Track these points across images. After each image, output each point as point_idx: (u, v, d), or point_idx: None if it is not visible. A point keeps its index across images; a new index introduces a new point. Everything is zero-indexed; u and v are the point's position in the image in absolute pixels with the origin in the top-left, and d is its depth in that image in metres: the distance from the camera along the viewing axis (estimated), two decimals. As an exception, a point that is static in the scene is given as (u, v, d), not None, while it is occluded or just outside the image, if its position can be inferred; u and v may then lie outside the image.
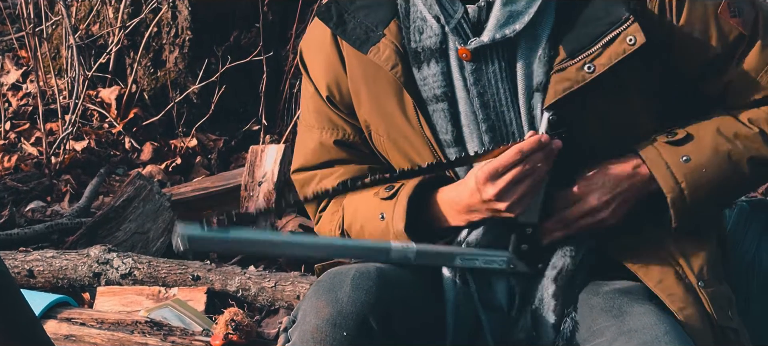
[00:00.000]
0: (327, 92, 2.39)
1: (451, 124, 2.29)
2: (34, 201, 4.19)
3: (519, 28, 2.24)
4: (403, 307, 2.23)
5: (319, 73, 2.40)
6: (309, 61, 2.43)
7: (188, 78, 4.73)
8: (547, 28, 2.25)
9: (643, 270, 2.26)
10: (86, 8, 4.88)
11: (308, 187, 2.46)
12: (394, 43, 2.30)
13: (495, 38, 2.24)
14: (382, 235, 2.32)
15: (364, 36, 2.31)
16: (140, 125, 4.69)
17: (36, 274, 3.47)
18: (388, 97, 2.32)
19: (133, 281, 3.42)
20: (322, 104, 2.41)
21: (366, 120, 2.37)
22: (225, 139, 4.69)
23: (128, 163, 4.55)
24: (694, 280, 2.26)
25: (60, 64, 4.86)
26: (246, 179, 4.02)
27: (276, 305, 3.36)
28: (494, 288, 2.32)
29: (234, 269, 3.43)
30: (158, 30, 4.74)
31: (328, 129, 2.42)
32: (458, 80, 2.28)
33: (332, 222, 2.43)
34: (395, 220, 2.28)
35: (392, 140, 2.35)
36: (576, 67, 2.22)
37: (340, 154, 2.42)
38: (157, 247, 3.74)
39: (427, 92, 2.29)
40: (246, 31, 4.78)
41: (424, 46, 2.29)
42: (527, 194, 2.21)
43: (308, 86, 2.43)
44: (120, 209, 3.74)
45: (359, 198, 2.37)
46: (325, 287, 2.19)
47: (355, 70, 2.35)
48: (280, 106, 4.76)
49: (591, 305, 2.27)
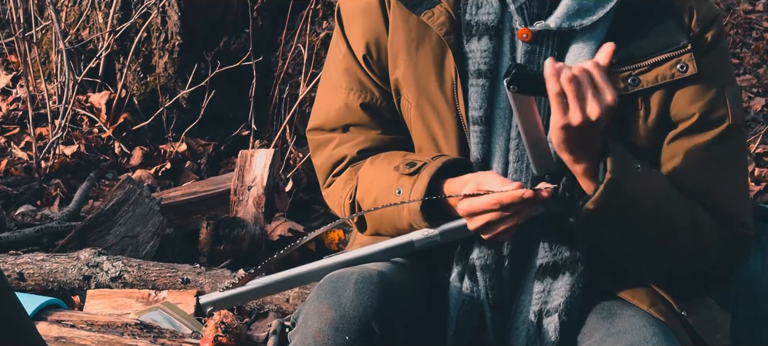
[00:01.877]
0: (364, 51, 2.37)
1: (486, 102, 2.30)
2: (25, 205, 4.19)
3: (587, 23, 2.26)
4: (405, 311, 2.23)
5: (357, 32, 2.39)
6: (347, 18, 2.41)
7: (178, 83, 4.74)
8: (604, 30, 2.27)
9: (637, 297, 2.28)
10: (76, 13, 4.89)
11: (325, 148, 2.44)
12: (449, 11, 2.31)
13: (561, 26, 2.25)
14: (394, 209, 2.30)
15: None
16: (130, 130, 4.70)
17: (26, 277, 3.47)
18: (427, 65, 2.33)
19: (123, 284, 3.42)
20: (354, 64, 2.39)
21: (399, 84, 2.36)
22: (214, 144, 4.69)
23: (118, 168, 4.55)
24: (678, 309, 2.29)
25: (50, 68, 4.86)
26: (235, 184, 4.03)
27: (266, 308, 3.37)
28: (503, 287, 2.31)
29: (223, 272, 3.44)
30: (148, 35, 4.75)
31: (356, 91, 2.40)
32: (508, 60, 2.29)
33: (344, 190, 2.40)
34: (413, 197, 2.27)
35: (419, 109, 2.34)
36: (622, 76, 2.24)
37: (363, 119, 2.40)
38: (146, 250, 3.75)
39: (472, 66, 2.30)
40: (236, 37, 4.79)
41: (479, 20, 2.30)
42: (506, 231, 2.20)
43: (340, 45, 2.41)
44: (110, 212, 3.74)
45: (377, 170, 2.35)
46: (328, 291, 2.19)
47: (398, 33, 2.34)
48: (270, 111, 4.77)
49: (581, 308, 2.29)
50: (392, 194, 2.30)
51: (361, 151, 2.39)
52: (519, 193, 2.17)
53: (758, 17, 6.75)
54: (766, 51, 6.39)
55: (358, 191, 2.37)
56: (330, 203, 2.45)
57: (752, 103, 5.72)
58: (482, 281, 2.30)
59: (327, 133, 2.43)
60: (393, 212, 2.31)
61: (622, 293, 2.28)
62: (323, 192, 2.47)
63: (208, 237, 3.92)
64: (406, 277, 2.29)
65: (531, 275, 2.30)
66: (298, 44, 4.81)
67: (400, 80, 2.36)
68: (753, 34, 6.58)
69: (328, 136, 2.43)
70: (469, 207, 2.20)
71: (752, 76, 6.06)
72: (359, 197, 2.37)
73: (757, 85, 5.98)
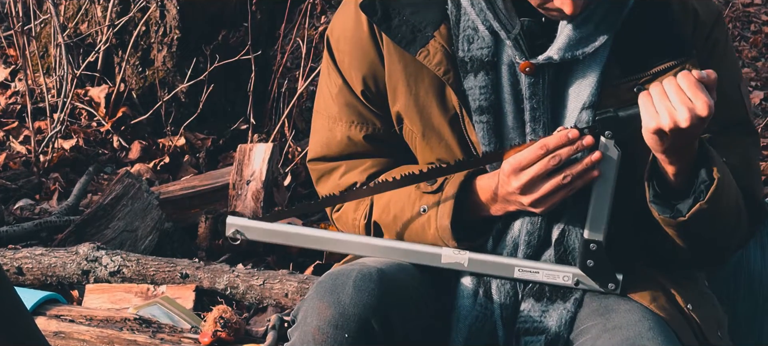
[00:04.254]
0: (362, 86, 2.34)
1: (495, 137, 2.27)
2: (23, 199, 4.19)
3: (589, 51, 2.23)
4: (405, 309, 2.23)
5: (352, 67, 2.35)
6: (339, 52, 2.37)
7: (176, 77, 4.74)
8: (606, 51, 2.25)
9: (638, 294, 2.27)
10: (74, 7, 4.88)
11: (330, 177, 2.42)
12: (445, 46, 2.27)
13: (564, 57, 2.23)
14: (419, 228, 2.29)
15: (410, 35, 2.28)
16: (128, 124, 4.69)
17: (25, 271, 3.47)
18: (428, 98, 2.30)
19: (121, 279, 3.42)
20: (353, 98, 2.36)
21: (400, 115, 2.34)
22: (213, 138, 4.69)
23: (117, 162, 4.55)
24: (683, 303, 2.28)
25: (48, 62, 4.86)
26: (234, 178, 4.03)
27: (264, 303, 3.37)
28: (519, 307, 2.30)
29: (222, 266, 3.44)
30: (146, 29, 4.74)
31: (358, 124, 2.37)
32: (508, 93, 2.27)
33: (358, 211, 2.38)
34: (440, 215, 2.26)
35: (426, 139, 2.32)
36: (627, 87, 2.23)
37: (367, 148, 2.38)
38: (145, 245, 3.74)
39: (473, 103, 2.27)
40: (234, 31, 4.79)
41: (473, 55, 2.26)
42: (554, 192, 2.19)
43: (335, 78, 2.37)
44: (108, 207, 3.74)
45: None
46: (327, 288, 2.18)
47: (394, 65, 2.31)
48: (269, 106, 4.77)
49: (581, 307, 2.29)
50: (415, 212, 2.29)
51: (371, 176, 2.37)
52: (564, 132, 2.17)
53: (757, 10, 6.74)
54: (764, 44, 6.38)
55: (375, 210, 2.35)
56: (341, 227, 2.43)
57: (751, 96, 5.73)
58: (498, 299, 2.29)
59: (331, 162, 2.41)
60: (417, 229, 2.30)
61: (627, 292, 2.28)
62: (333, 218, 2.44)
63: (206, 231, 3.92)
64: (407, 275, 2.28)
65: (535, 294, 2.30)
66: (296, 38, 4.81)
67: (401, 112, 2.33)
68: (751, 27, 6.58)
69: (333, 164, 2.41)
70: (517, 161, 2.18)
71: (751, 70, 6.06)
72: (377, 217, 2.35)
73: (755, 78, 5.98)
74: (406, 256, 2.30)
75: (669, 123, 2.10)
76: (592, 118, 2.22)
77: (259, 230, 2.36)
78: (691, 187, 2.19)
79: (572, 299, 2.27)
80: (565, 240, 2.27)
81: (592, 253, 2.24)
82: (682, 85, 2.11)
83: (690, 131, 2.10)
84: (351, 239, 2.35)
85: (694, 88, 2.10)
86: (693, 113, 2.09)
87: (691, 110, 2.09)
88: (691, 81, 2.11)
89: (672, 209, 2.20)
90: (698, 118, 2.09)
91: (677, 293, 2.28)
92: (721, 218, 2.22)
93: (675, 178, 2.19)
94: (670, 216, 2.18)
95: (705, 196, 2.16)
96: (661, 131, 2.11)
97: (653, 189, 2.21)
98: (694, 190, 2.18)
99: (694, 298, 2.30)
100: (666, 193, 2.22)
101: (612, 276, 2.25)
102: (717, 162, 2.18)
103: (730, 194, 2.22)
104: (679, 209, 2.18)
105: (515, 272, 2.26)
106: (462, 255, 2.27)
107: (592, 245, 2.23)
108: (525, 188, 2.19)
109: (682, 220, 2.18)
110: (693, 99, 2.10)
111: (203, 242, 3.91)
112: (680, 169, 2.18)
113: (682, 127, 2.09)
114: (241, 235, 2.35)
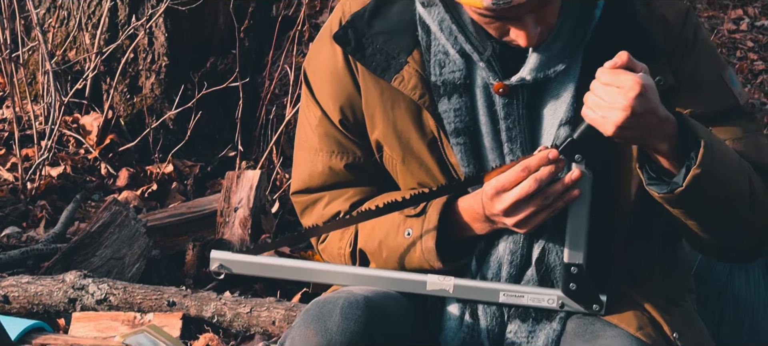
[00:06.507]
0: (340, 116, 2.36)
1: (472, 157, 2.29)
2: (10, 227, 4.18)
3: (561, 68, 2.25)
4: (391, 336, 2.23)
5: (329, 97, 2.37)
6: (316, 84, 2.39)
7: (164, 104, 4.74)
8: (577, 66, 2.27)
9: (625, 320, 2.27)
10: (63, 34, 4.89)
11: (314, 208, 2.43)
12: (419, 71, 2.29)
13: (537, 77, 2.24)
14: (405, 251, 2.30)
15: (384, 63, 2.29)
16: (116, 151, 4.69)
17: (11, 299, 3.46)
18: (406, 123, 2.32)
19: (108, 307, 3.41)
20: (332, 128, 2.38)
21: (379, 143, 2.36)
22: (201, 165, 4.69)
23: (104, 189, 4.54)
24: (669, 332, 2.29)
25: (36, 89, 4.86)
26: (222, 205, 4.03)
27: (251, 331, 3.36)
28: (505, 329, 2.31)
29: (209, 294, 3.43)
30: (135, 56, 4.75)
31: (338, 153, 2.39)
32: (484, 115, 2.29)
33: (342, 240, 2.39)
34: (425, 237, 2.27)
35: (406, 165, 2.34)
36: None
37: (349, 178, 2.39)
38: (132, 272, 3.74)
39: (448, 126, 2.29)
40: (222, 58, 4.79)
41: (445, 79, 2.28)
42: (537, 212, 2.20)
43: (314, 109, 2.39)
44: (96, 234, 3.74)
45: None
46: (314, 316, 2.19)
47: (371, 93, 2.33)
48: (256, 133, 4.77)
49: (566, 331, 2.29)
50: (400, 236, 2.30)
51: (354, 204, 2.38)
52: (544, 153, 2.18)
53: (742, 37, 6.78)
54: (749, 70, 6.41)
55: (360, 238, 2.36)
56: (327, 257, 2.44)
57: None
58: (484, 320, 2.30)
59: (314, 193, 2.42)
60: (403, 253, 2.31)
61: (609, 317, 2.28)
62: (318, 248, 2.45)
63: (194, 259, 3.91)
64: (393, 302, 2.29)
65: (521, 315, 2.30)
66: (284, 65, 4.82)
67: (380, 139, 2.35)
68: (737, 53, 6.61)
69: (316, 195, 2.42)
70: (500, 184, 2.19)
71: (737, 96, 6.07)
72: (362, 245, 2.36)
73: (742, 104, 5.99)
74: (392, 284, 2.31)
75: (616, 117, 2.11)
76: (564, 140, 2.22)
77: (243, 264, 2.36)
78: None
79: (558, 319, 2.29)
80: (546, 258, 2.29)
81: (573, 276, 2.25)
82: (603, 80, 2.12)
83: (640, 111, 2.11)
84: (337, 269, 2.35)
85: (613, 75, 2.11)
86: (628, 94, 2.10)
87: (625, 93, 2.10)
88: (607, 71, 2.12)
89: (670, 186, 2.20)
90: (636, 96, 2.10)
91: (664, 321, 2.29)
92: (724, 185, 2.20)
93: (668, 161, 2.19)
94: (668, 190, 2.18)
95: (696, 161, 2.14)
96: (617, 128, 2.12)
97: (647, 173, 2.21)
98: (686, 162, 2.18)
99: (680, 326, 2.30)
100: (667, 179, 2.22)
101: (596, 298, 2.27)
102: (699, 129, 2.17)
103: (726, 160, 2.21)
104: (676, 182, 2.18)
105: (500, 297, 2.28)
106: (447, 281, 2.28)
107: (573, 268, 2.25)
108: (508, 210, 2.20)
109: (680, 190, 2.17)
110: (620, 84, 2.11)
111: (191, 270, 3.90)
112: (666, 150, 2.17)
113: (628, 112, 2.10)
114: (226, 269, 2.35)
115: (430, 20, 2.28)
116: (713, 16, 6.92)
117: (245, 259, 2.35)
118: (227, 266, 2.35)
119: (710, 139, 2.17)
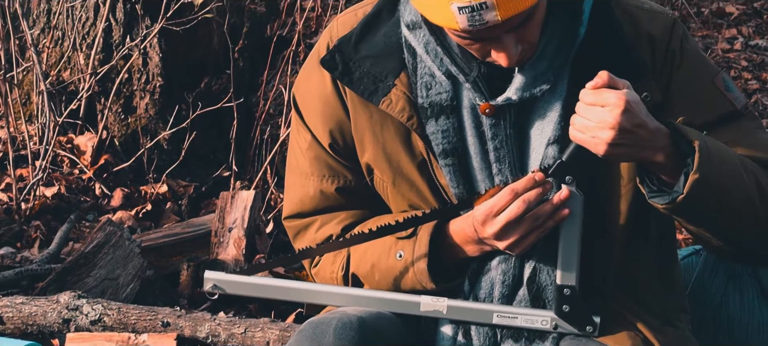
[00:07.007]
0: (329, 140, 2.37)
1: (461, 178, 2.29)
2: (4, 247, 4.18)
3: (547, 87, 2.25)
4: None
5: (319, 121, 2.37)
6: (306, 108, 2.39)
7: (159, 124, 4.74)
8: (564, 85, 2.27)
9: (619, 342, 2.28)
10: (57, 54, 4.89)
11: (306, 232, 2.43)
12: (406, 93, 2.29)
13: (523, 97, 2.25)
14: (398, 273, 2.31)
15: (372, 86, 2.30)
16: (111, 171, 4.69)
17: (5, 320, 3.45)
18: (395, 146, 2.32)
19: (102, 328, 3.41)
20: (322, 152, 2.38)
21: (370, 166, 2.36)
22: (195, 186, 4.69)
23: (98, 210, 4.54)
24: None
25: (30, 110, 4.86)
26: (216, 225, 4.03)
27: (246, 352, 3.36)
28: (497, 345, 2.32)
29: (204, 315, 3.43)
30: (129, 76, 4.75)
31: (329, 177, 2.39)
32: (472, 136, 2.29)
33: (335, 264, 2.39)
34: (417, 259, 2.28)
35: (397, 187, 2.34)
36: None
37: (340, 201, 2.39)
38: (126, 293, 3.73)
39: (436, 148, 2.29)
40: (217, 78, 4.80)
41: (432, 101, 2.28)
42: (527, 234, 2.21)
43: (304, 134, 2.40)
44: (90, 255, 3.73)
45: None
46: (308, 336, 2.19)
47: (360, 117, 2.34)
48: (251, 153, 4.77)
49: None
50: (392, 259, 2.30)
51: (346, 228, 2.38)
52: (530, 176, 2.19)
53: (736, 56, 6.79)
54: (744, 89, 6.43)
55: (352, 262, 2.37)
56: (320, 281, 2.44)
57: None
58: (477, 340, 2.30)
59: (306, 217, 2.42)
60: (396, 275, 2.31)
61: (603, 338, 2.28)
62: (312, 272, 2.45)
63: (188, 279, 3.91)
64: (386, 323, 2.29)
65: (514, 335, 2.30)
66: (279, 85, 4.82)
67: (370, 162, 2.35)
68: (731, 73, 6.63)
69: (308, 220, 2.42)
70: (489, 208, 2.19)
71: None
72: (354, 268, 2.37)
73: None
74: (385, 305, 2.31)
75: (606, 136, 2.12)
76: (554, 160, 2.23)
77: (237, 284, 2.36)
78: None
79: (550, 339, 2.28)
80: (537, 278, 2.29)
81: (566, 298, 2.26)
82: (587, 100, 2.13)
83: (628, 126, 2.11)
84: (331, 290, 2.36)
85: (596, 95, 2.12)
86: (613, 112, 2.10)
87: (610, 110, 2.11)
88: (590, 92, 2.13)
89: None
90: (622, 112, 2.10)
91: (658, 342, 2.29)
92: (726, 186, 2.19)
93: (667, 172, 2.19)
94: (669, 200, 2.18)
95: (693, 166, 2.15)
96: (609, 146, 2.12)
97: (647, 186, 2.21)
98: (684, 168, 2.18)
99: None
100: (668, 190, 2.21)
101: (589, 319, 2.27)
102: (691, 133, 2.17)
103: (726, 160, 2.20)
104: (676, 190, 2.18)
105: (494, 318, 2.28)
106: (440, 302, 2.29)
107: (565, 289, 2.25)
108: (499, 234, 2.21)
109: (682, 198, 2.16)
110: (604, 102, 2.12)
111: (185, 290, 3.90)
112: (663, 161, 2.17)
113: (616, 130, 2.11)
114: (220, 289, 2.36)
115: (415, 43, 2.28)
116: (707, 36, 6.94)
117: (239, 279, 2.36)
118: (221, 286, 2.36)
119: (704, 141, 2.17)
